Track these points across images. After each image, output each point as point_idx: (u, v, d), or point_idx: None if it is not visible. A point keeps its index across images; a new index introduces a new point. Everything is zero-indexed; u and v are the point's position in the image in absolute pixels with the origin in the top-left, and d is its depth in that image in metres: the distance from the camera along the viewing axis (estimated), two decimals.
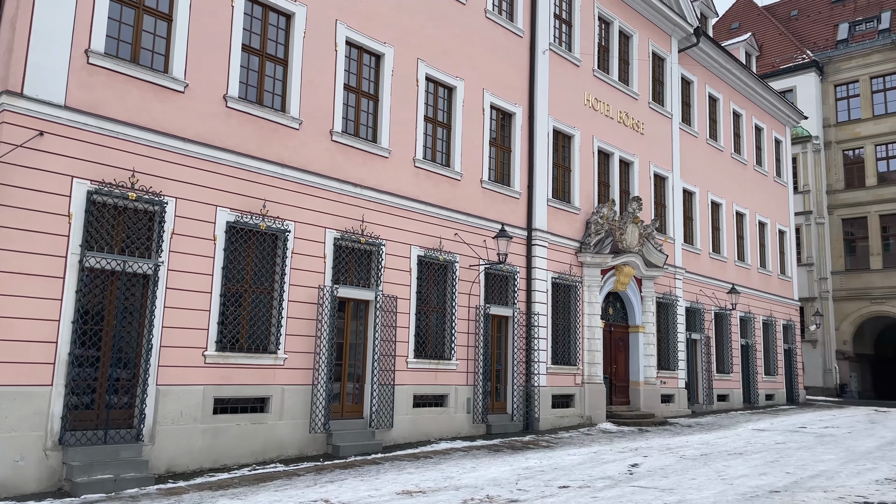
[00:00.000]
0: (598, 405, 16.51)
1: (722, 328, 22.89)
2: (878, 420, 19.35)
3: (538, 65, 16.32)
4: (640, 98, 19.84)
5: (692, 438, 14.27)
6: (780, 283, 27.36)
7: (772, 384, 25.73)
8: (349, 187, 12.11)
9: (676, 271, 20.41)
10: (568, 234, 16.71)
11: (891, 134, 34.76)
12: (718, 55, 23.50)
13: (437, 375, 13.35)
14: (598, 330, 16.80)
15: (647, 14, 20.31)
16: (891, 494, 8.30)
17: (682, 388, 20.16)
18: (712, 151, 23.40)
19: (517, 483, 8.92)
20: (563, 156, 17.16)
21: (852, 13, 39.77)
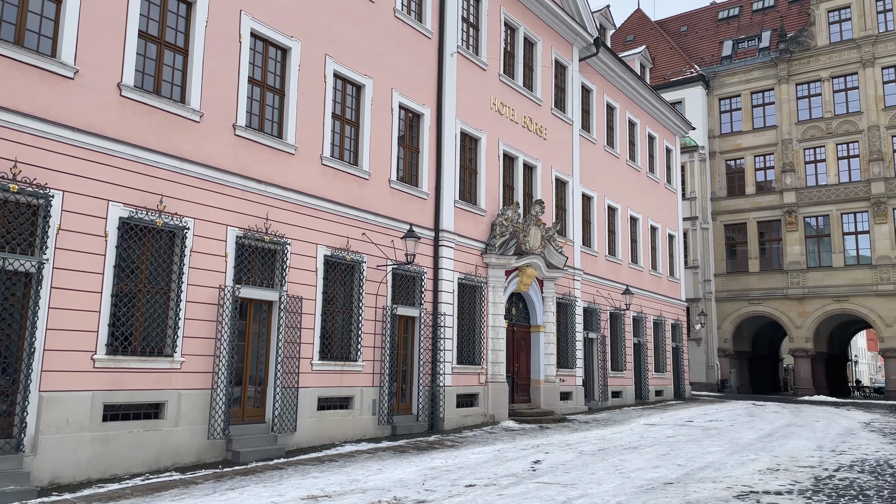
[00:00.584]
0: (501, 404, 16.81)
1: (616, 327, 23.88)
2: (756, 413, 20.77)
3: (446, 67, 16.43)
4: (544, 104, 20.38)
5: (590, 434, 14.77)
6: (669, 284, 28.87)
7: (661, 380, 27.10)
8: (253, 184, 11.73)
9: (575, 273, 21.12)
10: (474, 235, 16.93)
11: (768, 146, 37.46)
12: (616, 66, 24.51)
13: (342, 377, 13.16)
14: (501, 330, 17.11)
15: (551, 23, 20.89)
16: (773, 483, 8.91)
17: (580, 385, 20.87)
18: (609, 158, 24.38)
19: (424, 483, 8.92)
20: (470, 158, 17.36)
21: (736, 31, 42.57)
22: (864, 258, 34.11)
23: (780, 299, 35.79)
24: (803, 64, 36.86)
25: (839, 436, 14.68)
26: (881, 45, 34.78)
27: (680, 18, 47.36)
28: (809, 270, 35.23)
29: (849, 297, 34.00)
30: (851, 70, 35.53)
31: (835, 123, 35.60)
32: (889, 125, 34.13)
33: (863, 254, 34.19)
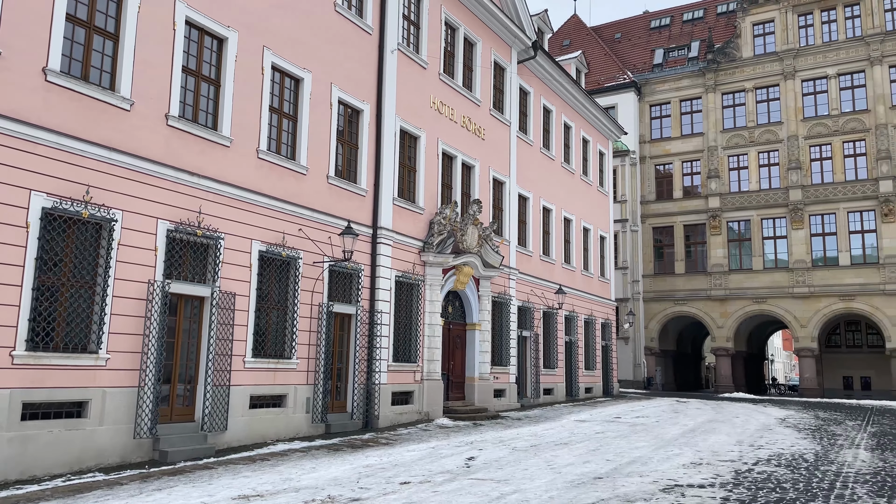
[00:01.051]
0: (435, 401, 16.89)
1: (549, 326, 24.35)
2: (680, 409, 21.55)
3: (386, 64, 16.38)
4: (483, 104, 20.57)
5: (522, 431, 15.01)
6: (600, 284, 29.62)
7: (591, 378, 27.79)
8: (186, 176, 11.40)
9: (511, 272, 21.41)
10: (412, 233, 16.94)
11: (695, 152, 38.89)
12: (553, 69, 24.96)
13: (275, 375, 12.96)
14: (438, 328, 17.20)
15: (491, 24, 21.09)
16: (696, 477, 9.29)
17: (513, 382, 21.19)
18: (545, 160, 24.82)
19: (358, 481, 8.89)
20: (409, 156, 17.36)
21: (667, 40, 43.99)
22: (781, 262, 35.85)
23: (704, 300, 37.23)
24: (729, 74, 38.43)
25: (757, 431, 15.39)
26: (801, 59, 36.61)
27: (614, 25, 48.59)
28: (731, 273, 36.79)
29: (767, 298, 35.69)
30: (773, 82, 37.27)
31: (757, 132, 37.28)
32: (807, 135, 35.97)
33: (780, 258, 35.93)
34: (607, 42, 46.16)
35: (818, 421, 18.38)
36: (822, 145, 35.67)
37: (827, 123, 35.60)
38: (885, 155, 33.74)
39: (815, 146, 35.84)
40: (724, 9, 43.22)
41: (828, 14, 36.60)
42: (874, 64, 34.77)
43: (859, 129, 34.83)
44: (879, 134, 34.14)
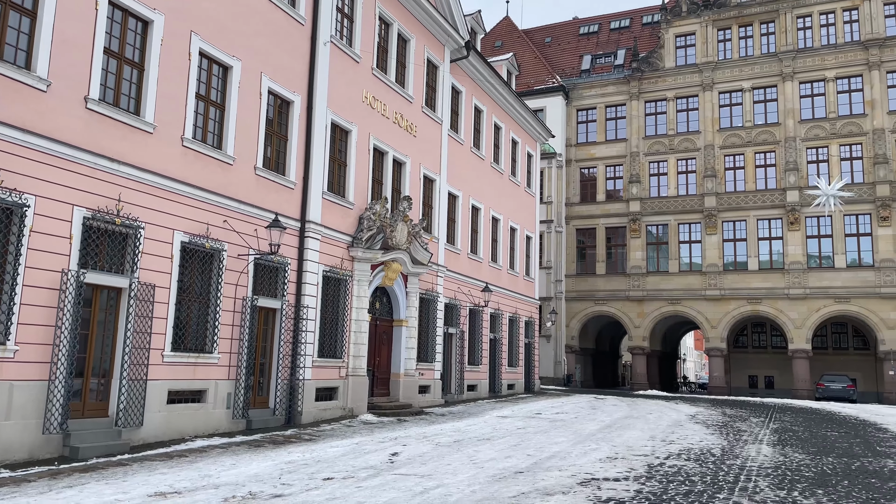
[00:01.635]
0: (360, 397, 16.84)
1: (475, 323, 24.66)
2: (597, 406, 22.25)
3: (319, 56, 16.18)
4: (415, 101, 20.61)
5: (446, 426, 15.17)
6: (525, 283, 30.21)
7: (513, 375, 28.31)
8: (105, 162, 10.96)
9: (439, 269, 21.57)
10: (341, 228, 16.82)
11: (618, 157, 40.17)
12: (485, 70, 25.25)
13: (195, 370, 12.63)
14: (364, 324, 17.15)
15: (425, 22, 21.15)
16: (612, 471, 9.65)
17: (438, 379, 21.36)
18: (475, 159, 25.10)
19: (280, 478, 8.80)
20: (340, 150, 17.22)
21: (595, 47, 45.20)
22: (696, 265, 37.50)
23: (623, 300, 38.54)
24: (652, 83, 39.86)
25: (669, 427, 16.09)
26: (719, 72, 38.36)
27: (545, 30, 49.54)
28: (649, 275, 38.22)
29: (681, 300, 37.27)
30: (693, 92, 38.91)
31: (676, 140, 38.84)
32: (722, 145, 37.73)
33: (695, 261, 37.58)
34: (538, 45, 47.01)
35: (725, 417, 19.35)
36: (736, 155, 37.52)
37: (741, 134, 37.46)
38: (792, 167, 35.78)
39: (729, 156, 37.65)
40: (650, 19, 44.77)
41: (745, 30, 38.49)
42: (786, 80, 36.81)
43: (770, 141, 36.82)
44: (788, 146, 36.18)
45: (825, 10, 36.80)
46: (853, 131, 35.24)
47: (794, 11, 37.30)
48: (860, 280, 34.03)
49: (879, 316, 33.50)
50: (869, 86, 35.14)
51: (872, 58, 35.13)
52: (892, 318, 33.26)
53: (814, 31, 36.91)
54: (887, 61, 34.97)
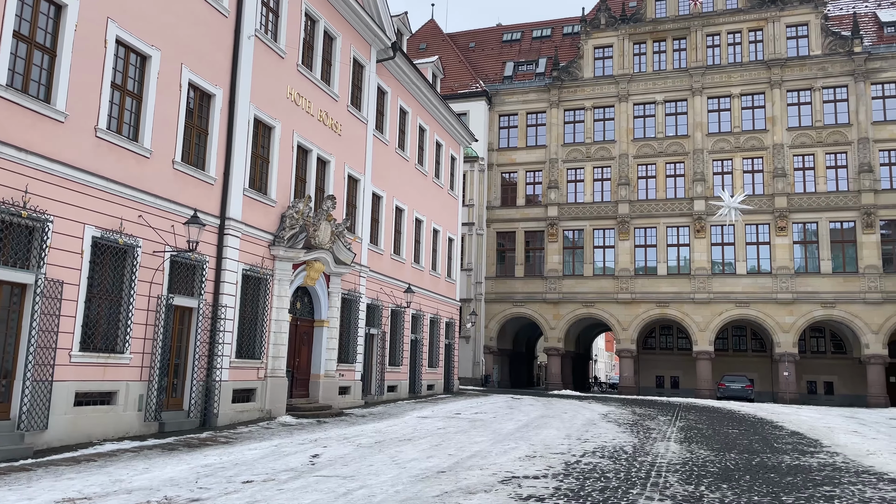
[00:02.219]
0: (279, 399, 16.56)
1: (396, 324, 24.68)
2: (515, 406, 22.72)
3: (242, 49, 15.81)
4: (340, 100, 20.44)
5: (367, 427, 15.14)
6: (447, 284, 30.47)
7: (433, 375, 28.49)
8: (12, 151, 10.34)
9: (362, 269, 21.47)
10: (263, 226, 16.48)
11: (538, 163, 41.12)
12: (411, 72, 25.33)
13: (106, 370, 12.10)
14: (285, 324, 16.87)
15: (352, 21, 21.02)
16: (531, 469, 9.92)
17: (359, 380, 21.25)
18: (400, 160, 25.13)
19: (197, 482, 8.58)
20: (263, 146, 16.88)
21: (517, 54, 46.09)
22: (609, 270, 38.86)
23: (540, 303, 39.47)
24: (571, 92, 41.03)
25: (583, 426, 16.64)
26: (634, 84, 39.91)
27: (469, 34, 50.12)
28: (565, 278, 39.31)
29: (595, 303, 38.53)
30: (609, 103, 40.31)
31: (593, 149, 40.13)
32: (636, 154, 39.27)
33: (608, 266, 38.94)
34: (462, 50, 47.50)
35: (635, 416, 20.17)
36: (648, 165, 39.13)
37: (653, 145, 39.09)
38: (700, 177, 37.64)
39: (642, 165, 39.23)
40: (570, 30, 46.06)
41: (659, 45, 40.21)
42: (695, 94, 38.70)
43: (680, 153, 38.60)
44: (696, 158, 38.03)
45: (732, 29, 38.94)
46: (755, 145, 37.42)
47: (704, 30, 39.27)
48: (759, 286, 36.17)
49: (775, 320, 35.71)
50: (771, 103, 37.42)
51: (774, 77, 37.44)
52: (786, 321, 35.53)
53: (722, 49, 38.98)
54: (788, 80, 37.34)
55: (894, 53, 35.98)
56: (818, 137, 36.46)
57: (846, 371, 38.64)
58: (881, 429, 18.37)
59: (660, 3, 40.64)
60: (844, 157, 36.05)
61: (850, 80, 36.35)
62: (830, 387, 39.24)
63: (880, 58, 36.12)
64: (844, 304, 34.79)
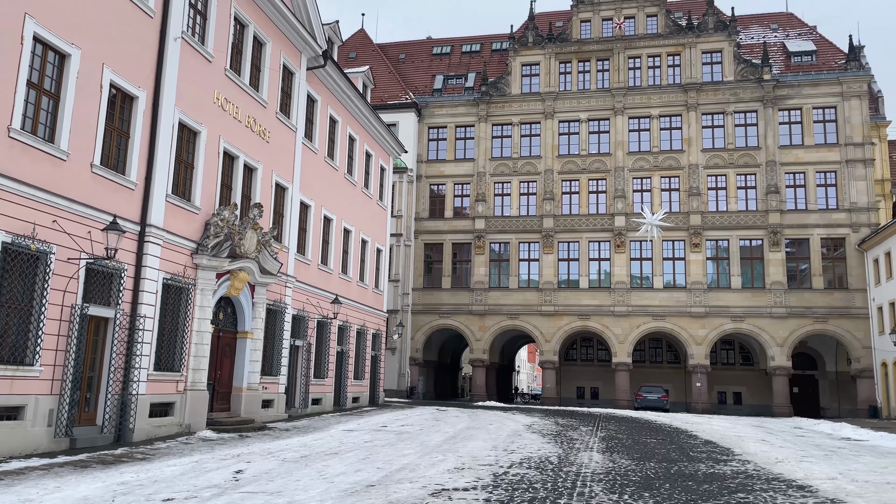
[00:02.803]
0: (199, 413, 16.00)
1: (323, 335, 24.32)
2: (441, 418, 22.75)
3: (168, 51, 15.34)
4: (269, 107, 20.09)
5: (291, 441, 14.84)
6: (374, 296, 30.29)
7: (359, 388, 28.22)
8: None
9: (288, 280, 21.08)
10: (186, 233, 15.95)
11: (466, 176, 41.58)
12: (342, 81, 25.17)
13: (13, 384, 11.40)
14: (206, 335, 16.35)
15: (283, 27, 20.74)
16: (461, 481, 9.96)
17: (282, 393, 20.80)
18: (329, 169, 24.88)
19: (114, 500, 8.20)
20: (188, 151, 16.37)
21: (447, 68, 46.56)
22: (533, 282, 39.63)
23: (466, 314, 39.80)
24: (500, 107, 41.77)
25: (509, 437, 16.83)
26: (560, 102, 41.00)
27: (400, 46, 50.29)
28: (491, 290, 39.81)
29: (520, 315, 39.18)
30: (536, 119, 41.26)
31: (520, 163, 40.93)
32: (561, 170, 40.29)
33: (533, 278, 39.71)
34: (392, 61, 47.60)
35: (558, 427, 20.57)
36: (572, 180, 40.23)
37: (577, 162, 40.23)
38: (620, 194, 38.97)
39: (566, 181, 40.29)
40: (499, 46, 46.93)
41: (583, 65, 41.51)
42: (617, 114, 40.11)
43: (602, 170, 39.87)
44: (617, 175, 39.37)
45: (652, 53, 40.63)
46: (672, 165, 39.08)
47: (626, 52, 40.81)
48: (674, 300, 37.68)
49: (689, 332, 37.28)
50: (687, 125, 39.21)
51: (691, 100, 39.26)
52: (699, 334, 37.14)
53: (642, 71, 40.60)
54: (703, 104, 39.24)
55: (800, 82, 38.43)
56: (730, 159, 38.44)
57: (753, 382, 40.68)
58: (787, 437, 19.42)
59: (585, 24, 42.00)
60: (754, 178, 38.13)
61: (759, 105, 38.55)
62: (739, 397, 41.20)
63: (787, 86, 38.49)
64: (752, 318, 36.69)
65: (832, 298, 36.32)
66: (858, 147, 37.04)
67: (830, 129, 37.84)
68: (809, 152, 37.70)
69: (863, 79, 37.91)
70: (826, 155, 37.52)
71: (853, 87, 37.75)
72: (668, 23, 40.77)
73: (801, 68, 39.83)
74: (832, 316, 36.05)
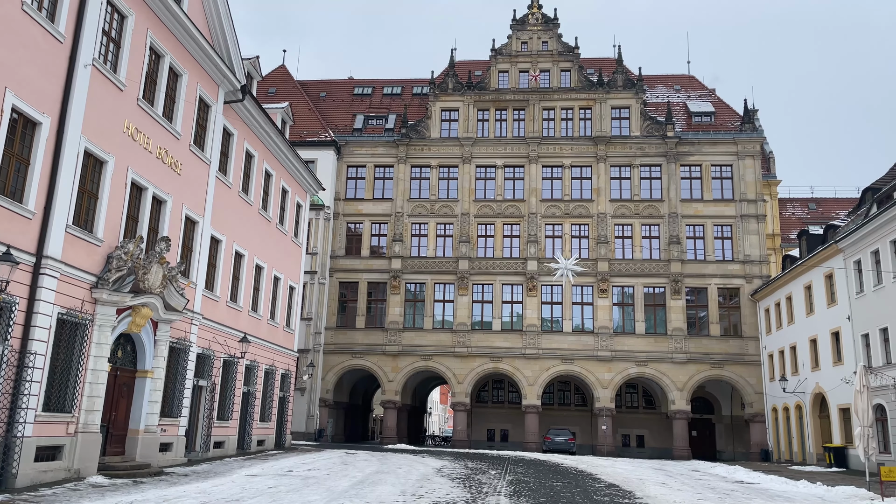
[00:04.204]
0: (90, 457, 15.05)
1: (229, 375, 23.50)
2: (349, 462, 22.31)
3: (77, 78, 14.81)
4: (183, 139, 19.63)
5: (189, 488, 14.17)
6: (285, 335, 29.62)
7: (264, 430, 27.31)
8: None
9: (194, 317, 20.35)
10: (86, 266, 15.20)
11: (384, 215, 41.71)
12: (260, 116, 24.94)
13: None
14: (103, 374, 15.49)
15: (201, 60, 20.45)
16: None
17: (182, 435, 19.87)
18: (243, 204, 24.41)
19: None
20: (93, 181, 15.72)
21: (368, 108, 46.98)
22: (448, 323, 39.86)
23: (379, 354, 39.48)
24: (419, 150, 42.38)
25: (418, 481, 16.69)
26: (477, 148, 42.03)
27: (320, 84, 50.40)
28: (405, 330, 39.73)
29: (433, 356, 39.23)
30: (454, 163, 42.07)
31: (437, 206, 41.47)
32: (477, 214, 41.08)
33: (447, 319, 39.97)
34: (312, 98, 47.60)
35: (467, 470, 20.57)
36: (488, 224, 41.08)
37: (493, 206, 41.16)
38: (533, 239, 40.06)
39: (482, 224, 41.09)
40: (420, 90, 47.83)
41: (500, 113, 42.86)
42: (531, 162, 41.46)
43: (516, 215, 40.94)
44: (531, 221, 40.51)
45: (565, 106, 42.45)
46: (582, 213, 40.60)
47: (541, 104, 42.48)
48: (582, 344, 38.76)
49: (596, 376, 38.33)
50: (596, 175, 40.95)
51: (600, 152, 41.11)
52: (605, 378, 38.24)
53: (556, 122, 42.30)
54: (612, 156, 41.16)
55: (700, 140, 41.01)
56: (636, 210, 40.32)
57: (655, 425, 42.10)
58: (685, 480, 20.16)
59: (503, 74, 43.49)
60: (657, 228, 40.10)
61: (663, 160, 40.80)
62: (642, 440, 42.48)
63: (688, 143, 40.99)
64: (655, 363, 38.16)
65: (728, 345, 38.33)
66: (752, 203, 39.69)
67: (727, 186, 40.45)
68: (708, 206, 40.08)
69: (756, 140, 40.88)
70: (723, 209, 39.99)
71: (747, 147, 40.63)
72: (580, 78, 42.78)
73: (701, 127, 42.56)
74: (728, 362, 37.99)
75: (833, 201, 51.61)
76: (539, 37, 43.88)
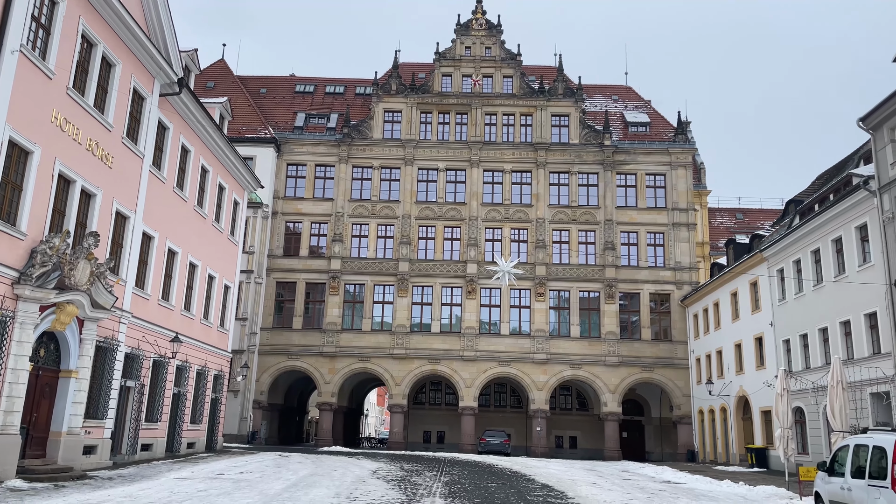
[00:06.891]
0: (8, 460, 14.33)
1: (158, 376, 22.80)
2: (283, 464, 21.98)
3: (3, 63, 14.14)
4: (115, 131, 18.98)
5: (114, 492, 13.71)
6: (219, 335, 28.94)
7: (195, 432, 26.61)
8: None
9: (123, 315, 19.67)
10: (7, 261, 14.50)
11: (324, 215, 41.28)
12: (197, 110, 24.32)
13: None
14: (24, 374, 14.81)
15: (136, 50, 19.82)
16: None
17: (108, 438, 19.18)
18: (177, 200, 23.75)
19: None
20: (17, 172, 15.02)
21: (310, 106, 46.42)
22: (387, 325, 39.74)
23: (316, 356, 39.02)
24: (361, 150, 42.13)
25: (353, 483, 16.59)
26: (420, 150, 42.09)
27: (261, 80, 49.51)
28: (343, 332, 39.41)
29: (371, 357, 39.03)
30: (396, 164, 42.00)
31: (379, 207, 41.32)
32: (418, 216, 41.13)
33: (386, 321, 39.84)
34: (252, 94, 46.74)
35: (403, 472, 20.56)
36: (429, 227, 41.17)
37: (434, 208, 41.28)
38: (473, 242, 40.37)
39: (423, 226, 41.16)
40: (363, 91, 47.55)
41: (443, 117, 43.04)
42: (473, 166, 41.79)
43: (457, 218, 41.18)
44: (471, 224, 40.82)
45: (507, 111, 42.98)
46: (522, 218, 41.17)
47: (483, 109, 42.88)
48: (519, 346, 39.28)
49: (531, 378, 38.90)
50: (536, 181, 41.61)
51: (540, 158, 41.79)
52: (541, 380, 38.85)
53: (498, 128, 42.77)
54: (551, 163, 41.88)
55: (636, 149, 42.19)
56: (573, 216, 41.16)
57: (588, 427, 43.01)
58: (615, 481, 20.69)
59: (446, 78, 43.69)
60: (593, 234, 41.03)
61: (600, 168, 41.78)
62: (575, 441, 43.33)
63: (624, 152, 42.10)
64: (589, 366, 39.01)
65: (658, 349, 39.53)
66: (683, 212, 41.06)
67: (660, 195, 41.73)
68: (642, 214, 41.26)
69: (688, 151, 42.32)
70: (656, 217, 41.22)
71: (680, 157, 42.02)
72: (522, 85, 43.39)
73: (636, 137, 43.78)
74: (658, 365, 39.17)
75: (759, 212, 53.94)
76: (483, 42, 44.29)
